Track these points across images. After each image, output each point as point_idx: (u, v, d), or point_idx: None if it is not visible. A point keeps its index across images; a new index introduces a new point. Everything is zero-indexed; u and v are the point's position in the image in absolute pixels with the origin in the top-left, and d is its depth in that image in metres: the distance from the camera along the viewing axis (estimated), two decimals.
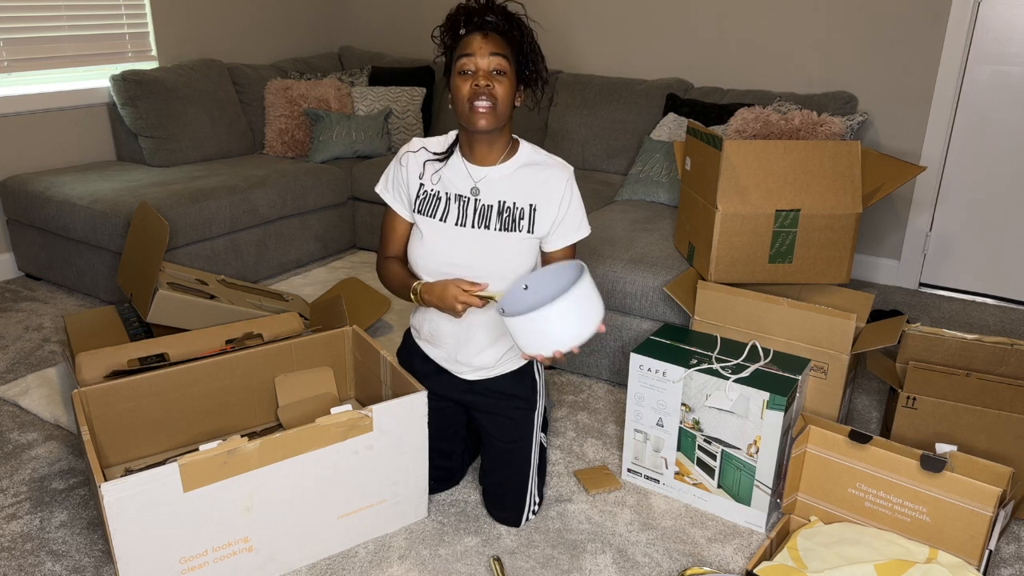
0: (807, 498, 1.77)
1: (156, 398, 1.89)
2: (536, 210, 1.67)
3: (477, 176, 1.68)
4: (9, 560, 1.67)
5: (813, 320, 1.90)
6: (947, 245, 3.23)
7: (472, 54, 1.56)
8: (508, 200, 1.67)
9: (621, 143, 3.35)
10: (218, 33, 3.81)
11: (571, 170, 1.70)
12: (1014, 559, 1.75)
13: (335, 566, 1.68)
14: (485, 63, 1.57)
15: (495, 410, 1.80)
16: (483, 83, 1.56)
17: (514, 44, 1.60)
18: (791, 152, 2.02)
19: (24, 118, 3.13)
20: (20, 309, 2.93)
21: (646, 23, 3.54)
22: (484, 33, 1.57)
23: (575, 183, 1.70)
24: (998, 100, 2.99)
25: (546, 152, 1.72)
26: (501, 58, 1.57)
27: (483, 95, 1.56)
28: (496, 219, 1.66)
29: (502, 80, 1.58)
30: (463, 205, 1.67)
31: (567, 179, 1.68)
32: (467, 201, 1.67)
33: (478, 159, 1.68)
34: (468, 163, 1.69)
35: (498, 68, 1.57)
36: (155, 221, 2.37)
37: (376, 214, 3.53)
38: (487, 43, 1.57)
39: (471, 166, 1.69)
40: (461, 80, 1.58)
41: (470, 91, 1.57)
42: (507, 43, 1.59)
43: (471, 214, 1.67)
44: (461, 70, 1.58)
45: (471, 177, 1.68)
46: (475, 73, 1.57)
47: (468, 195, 1.67)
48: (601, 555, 1.72)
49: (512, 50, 1.60)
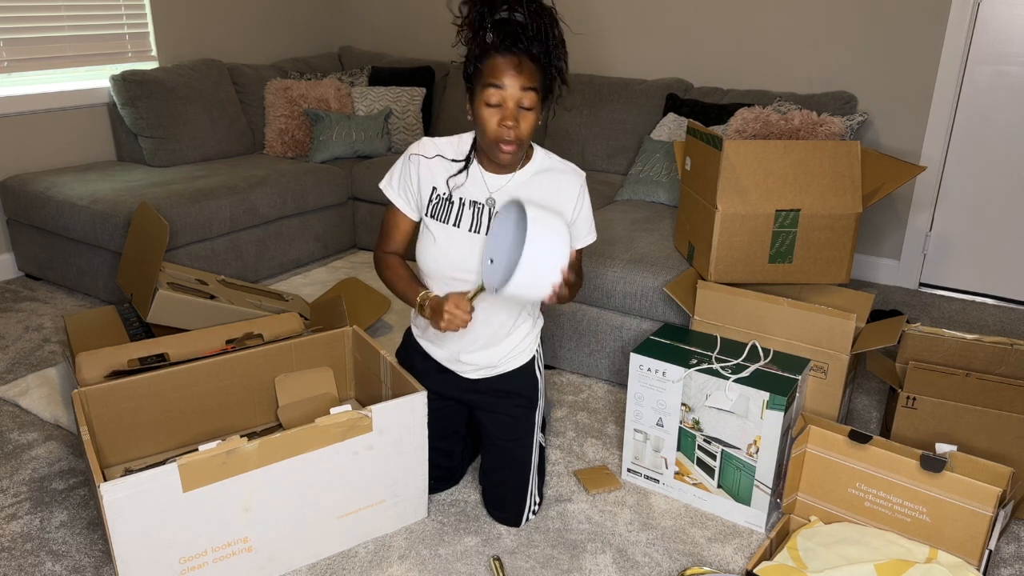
0: (807, 498, 1.77)
1: (156, 398, 1.89)
2: None
3: (494, 186, 1.67)
4: (9, 560, 1.67)
5: (813, 320, 1.90)
6: (947, 245, 3.23)
7: (501, 87, 1.50)
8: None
9: (621, 143, 3.35)
10: (218, 33, 3.81)
11: (583, 176, 1.70)
12: (1014, 559, 1.74)
13: (335, 566, 1.68)
14: (514, 99, 1.51)
15: (497, 408, 1.80)
16: (510, 123, 1.51)
17: (544, 68, 1.53)
18: (791, 152, 2.02)
19: (24, 118, 3.13)
20: (20, 309, 2.93)
21: (646, 23, 3.54)
22: (517, 60, 1.49)
23: (587, 189, 1.70)
24: (998, 100, 2.99)
25: (559, 157, 1.71)
26: (532, 92, 1.51)
27: (510, 136, 1.53)
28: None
29: (529, 116, 1.53)
30: (478, 211, 1.66)
31: (580, 185, 1.68)
32: (481, 207, 1.66)
33: (496, 169, 1.66)
34: (485, 172, 1.67)
35: (528, 104, 1.52)
36: (155, 221, 2.37)
37: (376, 214, 3.53)
38: (519, 76, 1.49)
39: (488, 175, 1.67)
40: (487, 110, 1.52)
41: (496, 130, 1.53)
42: (538, 71, 1.52)
43: (485, 220, 1.66)
44: (488, 100, 1.51)
45: (487, 187, 1.67)
46: (502, 106, 1.51)
47: (483, 203, 1.67)
48: (601, 555, 1.72)
49: (542, 77, 1.53)
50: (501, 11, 1.50)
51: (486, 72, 1.51)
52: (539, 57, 1.51)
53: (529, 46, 1.49)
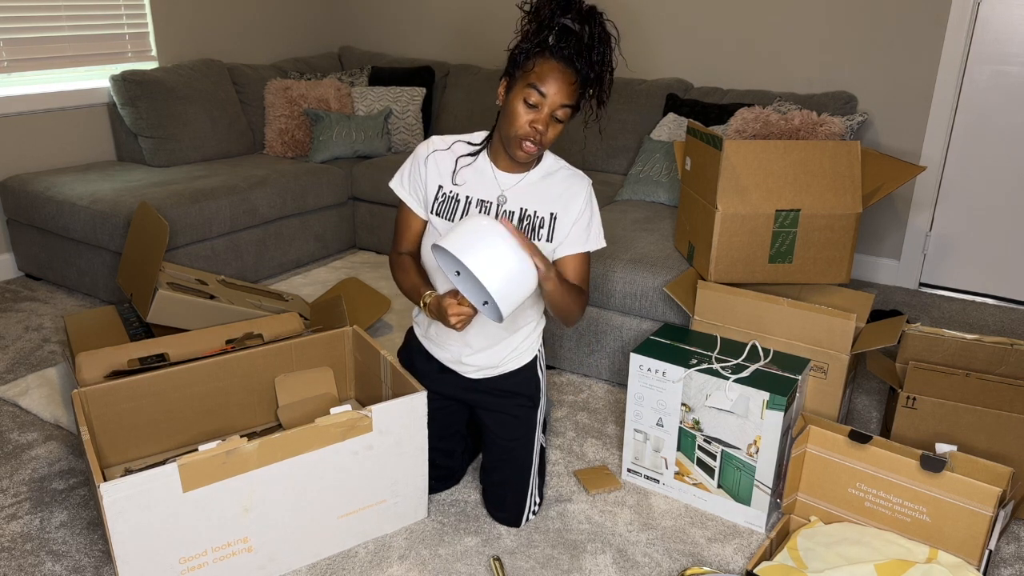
0: (807, 498, 1.77)
1: (156, 398, 1.89)
2: (556, 219, 1.66)
3: (505, 184, 1.67)
4: (9, 560, 1.67)
5: (813, 320, 1.90)
6: (947, 245, 3.23)
7: (545, 94, 1.51)
8: (530, 208, 1.66)
9: (621, 143, 3.35)
10: (218, 33, 3.81)
11: (589, 181, 1.71)
12: (1014, 559, 1.74)
13: (335, 566, 1.68)
14: (552, 108, 1.53)
15: (498, 408, 1.80)
16: (541, 127, 1.53)
17: (587, 89, 1.56)
18: (791, 152, 2.02)
19: (24, 118, 3.13)
20: (20, 309, 2.93)
21: (646, 23, 3.54)
22: (568, 72, 1.51)
23: (594, 195, 1.71)
24: (998, 100, 2.99)
25: (565, 162, 1.72)
26: (568, 109, 1.54)
27: (536, 138, 1.55)
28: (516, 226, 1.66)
29: (557, 127, 1.56)
30: (485, 209, 1.66)
31: (588, 189, 1.69)
32: (489, 206, 1.66)
33: (509, 167, 1.67)
34: (496, 168, 1.67)
35: (561, 117, 1.55)
36: (155, 221, 2.37)
37: (376, 214, 3.53)
38: (564, 89, 1.51)
39: (500, 172, 1.67)
40: (522, 107, 1.54)
41: (525, 129, 1.54)
42: (581, 90, 1.55)
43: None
44: (527, 98, 1.53)
45: (499, 184, 1.67)
46: (538, 109, 1.53)
47: (492, 201, 1.66)
48: (601, 555, 1.72)
49: (580, 97, 1.56)
50: (570, 17, 1.52)
51: (536, 71, 1.52)
52: (590, 79, 1.54)
53: (586, 65, 1.52)
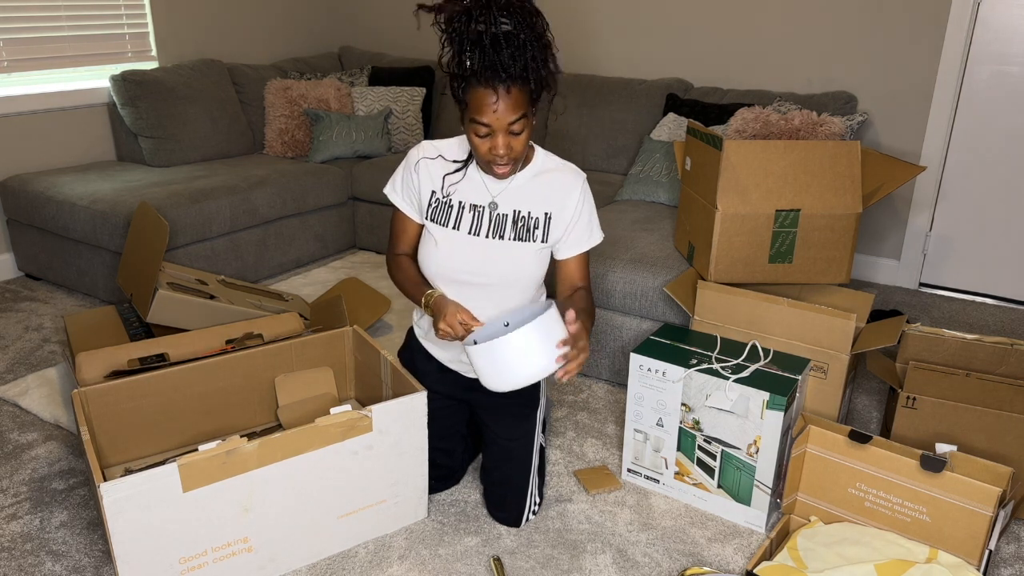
0: (807, 498, 1.77)
1: (156, 398, 1.89)
2: (551, 218, 1.66)
3: (495, 190, 1.66)
4: (9, 560, 1.67)
5: (813, 320, 1.90)
6: (947, 245, 3.23)
7: (489, 124, 1.46)
8: (523, 210, 1.66)
9: (621, 143, 3.35)
10: (218, 33, 3.81)
11: (584, 176, 1.69)
12: (1014, 559, 1.74)
13: (335, 566, 1.68)
14: (503, 129, 1.47)
15: (499, 407, 1.80)
16: (502, 151, 1.49)
17: (530, 85, 1.47)
18: (791, 152, 2.02)
19: (24, 118, 3.13)
20: (20, 309, 2.93)
21: (646, 23, 3.54)
22: (499, 91, 1.43)
23: (589, 189, 1.69)
24: (998, 100, 2.99)
25: (558, 158, 1.71)
26: (521, 119, 1.47)
27: (502, 160, 1.52)
28: (511, 228, 1.65)
29: (520, 137, 1.50)
30: (478, 214, 1.66)
31: (582, 184, 1.67)
32: (482, 210, 1.66)
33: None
34: (485, 175, 1.66)
35: (518, 129, 1.48)
36: (155, 221, 2.37)
37: (376, 214, 3.53)
38: (504, 108, 1.44)
39: (488, 179, 1.66)
40: (476, 138, 1.50)
41: (488, 156, 1.52)
42: (524, 92, 1.46)
43: (486, 223, 1.65)
44: (476, 131, 1.49)
45: (488, 191, 1.66)
46: (491, 135, 1.49)
47: (484, 206, 1.66)
48: (601, 555, 1.72)
49: (529, 96, 1.48)
50: (478, 23, 1.42)
51: (471, 104, 1.47)
52: (522, 79, 1.45)
53: (509, 75, 1.43)
